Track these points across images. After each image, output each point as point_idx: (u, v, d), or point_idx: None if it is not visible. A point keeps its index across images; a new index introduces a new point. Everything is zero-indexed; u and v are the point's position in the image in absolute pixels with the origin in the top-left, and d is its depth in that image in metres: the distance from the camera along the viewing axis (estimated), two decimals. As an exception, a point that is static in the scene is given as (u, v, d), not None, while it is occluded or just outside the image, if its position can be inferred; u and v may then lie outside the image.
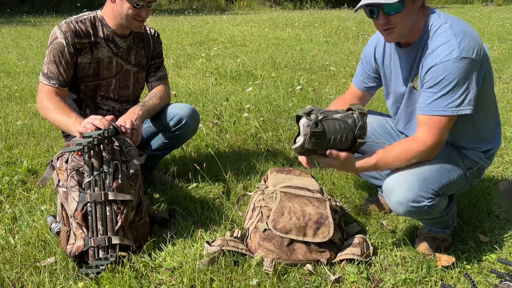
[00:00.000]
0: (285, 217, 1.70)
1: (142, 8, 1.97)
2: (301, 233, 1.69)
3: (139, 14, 1.98)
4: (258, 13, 14.74)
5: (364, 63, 1.92)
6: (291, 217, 1.70)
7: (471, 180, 1.74)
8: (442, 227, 1.79)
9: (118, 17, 2.00)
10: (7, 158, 2.74)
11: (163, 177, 2.39)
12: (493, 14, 13.19)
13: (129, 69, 2.17)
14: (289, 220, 1.69)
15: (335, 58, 6.10)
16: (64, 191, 1.70)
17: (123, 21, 2.01)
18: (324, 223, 1.70)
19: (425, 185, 1.57)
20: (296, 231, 1.68)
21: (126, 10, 1.96)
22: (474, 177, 1.74)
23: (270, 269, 1.63)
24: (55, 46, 1.95)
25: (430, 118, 1.54)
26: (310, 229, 1.69)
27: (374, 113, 2.07)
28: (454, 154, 1.69)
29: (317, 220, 1.70)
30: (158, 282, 1.62)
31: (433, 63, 1.51)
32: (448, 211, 1.73)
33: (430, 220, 1.74)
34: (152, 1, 1.98)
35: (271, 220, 1.70)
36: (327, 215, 1.71)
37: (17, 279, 1.62)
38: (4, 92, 4.37)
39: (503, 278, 1.58)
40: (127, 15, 1.97)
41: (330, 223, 1.70)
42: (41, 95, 1.96)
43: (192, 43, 7.60)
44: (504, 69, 5.29)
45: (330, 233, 1.69)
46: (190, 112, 2.19)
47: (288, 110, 3.63)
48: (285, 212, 1.72)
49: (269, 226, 1.70)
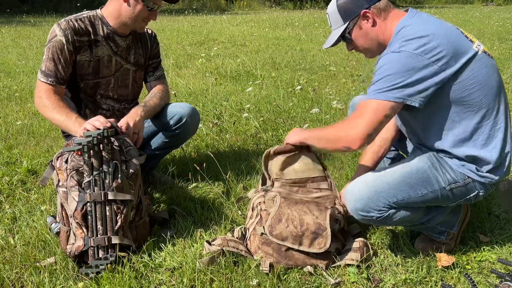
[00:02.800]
0: (282, 224, 1.68)
1: (153, 10, 1.98)
2: (297, 241, 1.66)
3: (149, 16, 2.00)
4: (258, 13, 14.75)
5: None
6: (288, 225, 1.67)
7: (462, 195, 1.64)
8: (434, 233, 1.77)
9: (126, 17, 2.00)
10: (7, 158, 2.74)
11: (163, 177, 2.39)
12: (493, 14, 13.19)
13: (128, 68, 2.17)
14: (286, 228, 1.67)
15: (335, 58, 6.09)
16: (64, 191, 1.70)
17: (130, 22, 2.00)
18: (322, 234, 1.66)
19: (375, 197, 1.59)
20: (292, 239, 1.66)
21: (138, 11, 1.97)
22: (468, 192, 1.63)
23: (266, 268, 1.63)
24: (54, 44, 1.95)
25: (363, 102, 1.56)
26: (306, 238, 1.66)
27: None
28: (429, 166, 1.62)
29: (314, 231, 1.66)
30: (158, 282, 1.62)
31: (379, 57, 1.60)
32: (430, 220, 1.71)
33: (408, 227, 1.79)
34: (162, 5, 2.02)
35: (268, 225, 1.69)
36: (326, 227, 1.66)
37: (17, 279, 1.62)
38: (4, 92, 4.37)
39: (503, 278, 1.58)
40: (138, 16, 1.98)
41: (327, 234, 1.66)
42: (40, 93, 1.96)
43: (192, 43, 7.60)
44: (504, 69, 5.29)
45: (326, 245, 1.65)
46: (190, 111, 2.19)
47: (288, 110, 3.63)
48: (282, 219, 1.69)
49: (266, 231, 1.69)
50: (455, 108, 1.57)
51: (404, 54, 1.50)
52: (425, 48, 1.49)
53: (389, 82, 1.50)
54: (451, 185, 1.61)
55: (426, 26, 1.55)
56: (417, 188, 1.60)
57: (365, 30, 1.65)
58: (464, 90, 1.54)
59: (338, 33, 1.68)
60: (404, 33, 1.54)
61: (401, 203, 1.60)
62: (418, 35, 1.51)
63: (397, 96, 1.50)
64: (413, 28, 1.54)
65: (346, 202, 1.67)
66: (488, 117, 1.58)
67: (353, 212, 1.66)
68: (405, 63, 1.49)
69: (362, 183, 1.64)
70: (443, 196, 1.62)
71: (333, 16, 1.69)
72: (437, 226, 1.74)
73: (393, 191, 1.59)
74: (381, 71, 1.53)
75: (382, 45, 1.66)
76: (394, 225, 1.70)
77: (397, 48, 1.52)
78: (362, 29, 1.66)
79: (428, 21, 1.58)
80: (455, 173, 1.61)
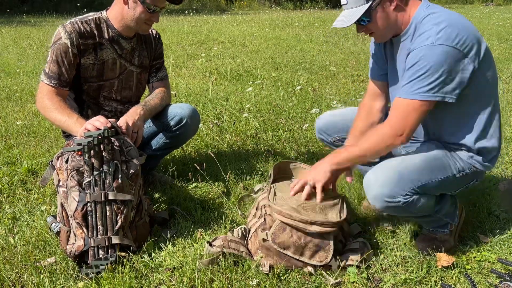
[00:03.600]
0: (286, 233, 1.65)
1: (155, 12, 1.98)
2: (299, 252, 1.65)
3: (150, 18, 1.99)
4: (258, 13, 14.75)
5: (374, 54, 1.91)
6: (292, 235, 1.65)
7: (465, 182, 1.71)
8: (438, 226, 1.78)
9: (128, 19, 2.00)
10: (7, 158, 2.74)
11: (163, 177, 2.39)
12: (493, 14, 13.20)
13: (132, 70, 2.17)
14: (289, 238, 1.65)
15: (335, 58, 6.10)
16: (64, 191, 1.70)
17: (133, 24, 2.00)
18: (324, 248, 1.65)
19: (401, 182, 1.57)
20: (294, 248, 1.65)
21: (139, 13, 1.96)
22: (470, 180, 1.71)
23: (266, 269, 1.63)
24: (58, 46, 1.95)
25: (401, 101, 1.56)
26: (308, 250, 1.64)
27: None
28: (443, 155, 1.66)
29: (317, 244, 1.64)
30: (158, 282, 1.62)
31: (412, 48, 1.55)
32: (439, 210, 1.73)
33: (419, 219, 1.75)
34: (164, 7, 2.00)
35: (272, 233, 1.66)
36: (329, 241, 1.65)
37: (17, 279, 1.62)
38: (4, 92, 4.37)
39: (503, 278, 1.58)
40: (139, 18, 1.97)
41: (330, 249, 1.64)
42: (42, 94, 1.96)
43: (192, 43, 7.60)
44: (504, 69, 5.29)
45: (327, 259, 1.64)
46: (191, 112, 2.19)
47: (288, 110, 3.63)
48: (287, 228, 1.66)
49: (268, 238, 1.67)
50: (471, 101, 1.58)
51: (442, 48, 1.47)
52: (458, 40, 1.47)
53: (428, 79, 1.49)
54: (460, 173, 1.66)
55: (452, 16, 1.54)
56: (436, 173, 1.61)
57: (387, 13, 1.60)
58: (484, 82, 1.58)
59: (360, 12, 1.58)
60: (434, 22, 1.51)
61: (423, 187, 1.60)
62: (450, 25, 1.48)
63: (437, 95, 1.51)
64: (441, 17, 1.52)
65: (369, 190, 1.61)
66: (495, 108, 1.65)
67: (377, 199, 1.59)
68: (443, 58, 1.47)
69: (387, 168, 1.60)
70: (452, 183, 1.66)
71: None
72: (443, 217, 1.75)
73: (417, 175, 1.59)
74: (419, 67, 1.50)
75: (397, 29, 1.64)
76: (413, 215, 1.65)
77: (433, 41, 1.48)
78: (384, 11, 1.60)
79: (447, 11, 1.58)
80: (463, 162, 1.66)
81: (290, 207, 1.68)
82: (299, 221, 1.62)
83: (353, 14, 1.61)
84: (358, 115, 1.94)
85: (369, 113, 1.91)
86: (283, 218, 1.65)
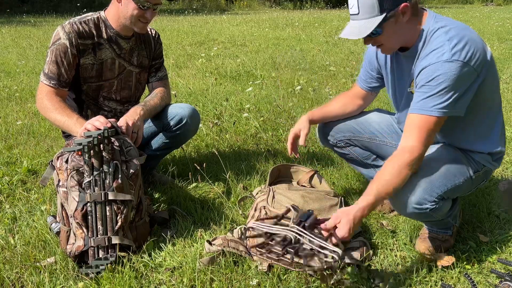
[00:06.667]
0: None
1: (147, 9, 1.97)
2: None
3: (144, 15, 1.98)
4: (258, 13, 14.75)
5: (367, 64, 1.92)
6: None
7: (477, 183, 1.71)
8: (443, 228, 1.79)
9: (123, 17, 2.00)
10: (7, 158, 2.74)
11: (163, 177, 2.39)
12: (493, 14, 13.20)
13: (131, 70, 2.17)
14: None
15: (335, 58, 6.10)
16: (64, 191, 1.70)
17: (127, 22, 2.00)
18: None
19: (430, 188, 1.55)
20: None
21: (132, 10, 1.96)
22: (481, 180, 1.72)
23: (264, 268, 1.63)
24: (57, 47, 1.95)
25: (417, 117, 1.52)
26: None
27: (382, 111, 2.07)
28: (461, 157, 1.67)
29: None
30: (158, 282, 1.62)
31: (425, 65, 1.51)
32: (451, 213, 1.73)
33: (433, 222, 1.74)
34: (158, 4, 1.98)
35: None
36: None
37: (17, 279, 1.62)
38: (4, 92, 4.37)
39: (503, 278, 1.58)
40: (132, 16, 1.97)
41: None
42: (41, 94, 1.96)
43: (192, 43, 7.60)
44: (504, 69, 5.29)
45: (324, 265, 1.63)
46: (191, 112, 2.19)
47: (288, 110, 3.63)
48: None
49: None
50: (477, 109, 1.59)
51: (457, 64, 1.45)
52: (471, 55, 1.46)
53: (444, 96, 1.47)
54: (475, 174, 1.66)
55: (460, 28, 1.52)
56: (458, 176, 1.61)
57: (399, 25, 1.53)
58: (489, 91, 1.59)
59: (374, 24, 1.49)
60: (445, 37, 1.49)
61: (448, 192, 1.59)
62: (464, 40, 1.47)
63: (450, 111, 1.50)
64: (451, 31, 1.50)
65: (396, 197, 1.56)
66: (499, 111, 1.67)
67: (404, 206, 1.56)
68: (459, 74, 1.45)
69: (413, 176, 1.54)
70: (469, 184, 1.67)
71: (367, 2, 1.48)
72: (450, 220, 1.75)
73: (444, 180, 1.58)
74: (436, 82, 1.47)
75: (407, 42, 1.60)
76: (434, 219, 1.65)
77: (449, 57, 1.45)
78: (396, 24, 1.52)
79: (454, 22, 1.56)
80: (476, 162, 1.67)
81: None
82: None
83: (365, 25, 1.51)
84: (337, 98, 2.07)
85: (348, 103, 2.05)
86: None
